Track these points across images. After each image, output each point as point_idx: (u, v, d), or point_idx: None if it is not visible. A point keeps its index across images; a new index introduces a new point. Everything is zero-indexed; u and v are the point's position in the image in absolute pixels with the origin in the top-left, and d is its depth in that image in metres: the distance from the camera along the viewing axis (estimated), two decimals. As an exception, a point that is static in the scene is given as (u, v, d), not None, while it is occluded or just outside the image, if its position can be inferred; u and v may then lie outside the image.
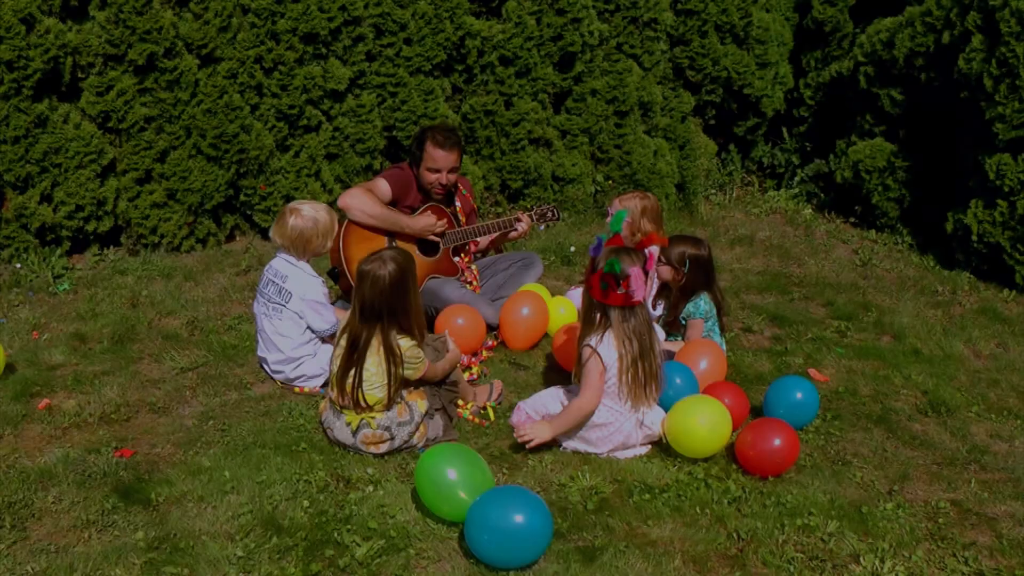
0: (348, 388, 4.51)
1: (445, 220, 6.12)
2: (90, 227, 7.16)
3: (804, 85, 10.36)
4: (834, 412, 5.37)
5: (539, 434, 4.59)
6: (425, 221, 6.02)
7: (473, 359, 5.67)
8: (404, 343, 4.55)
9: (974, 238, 7.86)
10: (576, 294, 6.42)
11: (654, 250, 4.61)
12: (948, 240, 8.31)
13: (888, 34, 8.92)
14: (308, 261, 5.30)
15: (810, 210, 9.68)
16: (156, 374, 5.48)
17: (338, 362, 4.57)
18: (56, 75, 6.80)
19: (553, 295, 6.40)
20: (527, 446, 4.60)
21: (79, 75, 6.94)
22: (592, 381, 4.56)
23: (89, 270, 7.06)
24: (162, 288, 6.74)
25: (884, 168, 8.90)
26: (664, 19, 8.94)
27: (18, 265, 6.81)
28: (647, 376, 4.63)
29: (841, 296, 7.34)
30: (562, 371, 5.53)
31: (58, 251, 7.03)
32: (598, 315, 4.60)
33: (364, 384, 4.50)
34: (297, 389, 5.28)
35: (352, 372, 4.50)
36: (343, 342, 4.58)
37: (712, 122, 10.02)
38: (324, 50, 7.55)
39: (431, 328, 5.71)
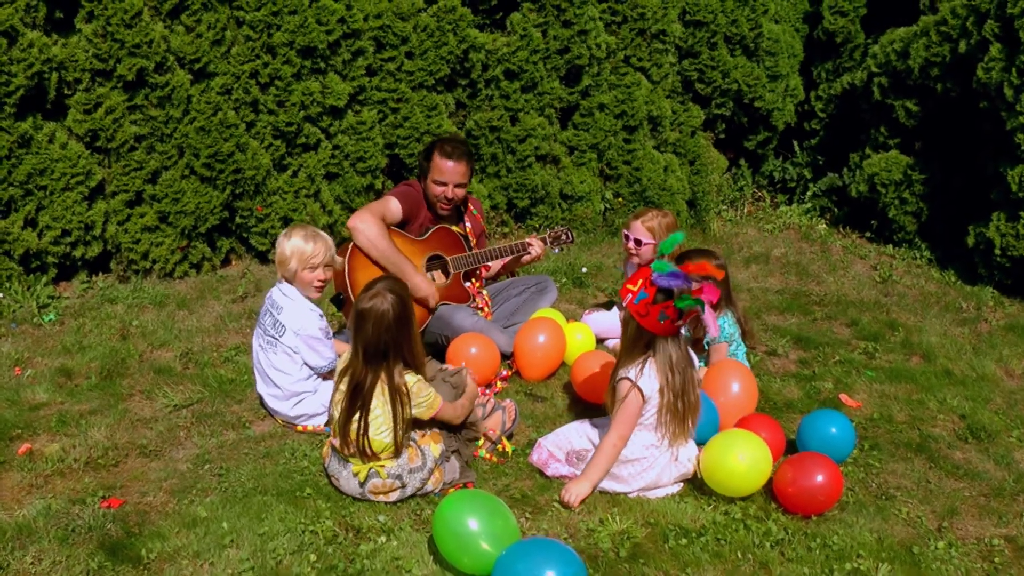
0: (353, 435, 4.17)
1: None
2: (77, 253, 6.86)
3: (815, 97, 10.22)
4: (871, 441, 5.09)
5: (581, 493, 4.27)
6: (422, 285, 5.60)
7: (487, 391, 5.32)
8: (410, 379, 4.23)
9: (997, 252, 7.69)
10: (593, 319, 6.17)
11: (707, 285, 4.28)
12: (969, 254, 8.12)
13: (902, 44, 8.75)
14: (289, 281, 4.95)
15: (824, 225, 9.48)
16: (148, 412, 5.13)
17: (339, 407, 4.23)
18: (41, 92, 6.51)
19: (568, 320, 6.12)
20: (574, 508, 4.26)
21: (65, 92, 6.66)
22: (627, 418, 4.25)
23: (77, 299, 6.74)
24: (154, 317, 6.42)
25: (900, 181, 8.71)
26: (672, 31, 8.73)
27: (0, 295, 6.46)
28: (687, 410, 4.34)
29: (865, 315, 7.09)
30: (582, 402, 5.22)
31: (43, 279, 6.72)
32: (643, 346, 4.28)
33: (370, 430, 4.16)
34: (299, 428, 4.94)
35: (356, 418, 4.16)
36: (343, 386, 4.25)
37: (722, 136, 9.82)
38: (323, 64, 7.28)
39: (442, 358, 5.40)
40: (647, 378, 4.23)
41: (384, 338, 4.14)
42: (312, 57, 7.18)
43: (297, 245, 4.86)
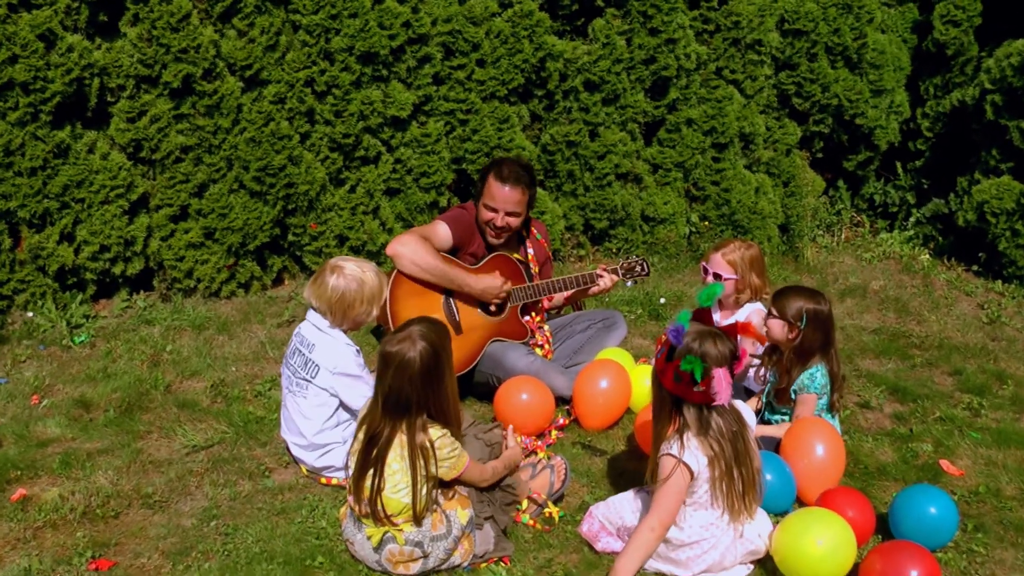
0: (366, 493, 3.68)
1: (511, 283, 5.28)
2: (117, 270, 6.51)
3: (922, 115, 9.48)
4: (975, 520, 4.38)
5: None
6: (488, 283, 5.18)
7: (539, 443, 4.77)
8: (434, 432, 3.72)
9: (1123, 294, 6.93)
10: (663, 361, 5.58)
11: (746, 346, 3.72)
12: (1090, 296, 7.39)
13: (1019, 58, 8.08)
14: (346, 330, 4.44)
15: (927, 256, 8.73)
16: (163, 453, 4.70)
17: (355, 459, 3.74)
18: (81, 99, 6.18)
19: (638, 358, 5.60)
20: None
21: (108, 99, 6.33)
22: (670, 501, 3.71)
23: (114, 318, 6.38)
24: (190, 342, 6.03)
25: (1013, 211, 8.01)
26: (769, 40, 8.12)
27: (30, 314, 6.13)
28: (746, 483, 3.77)
29: (970, 363, 6.35)
30: (646, 458, 4.60)
31: (79, 297, 6.39)
32: (669, 409, 3.77)
33: (386, 487, 3.67)
34: (323, 480, 4.44)
35: (371, 473, 3.67)
36: (361, 435, 3.77)
37: (819, 155, 9.14)
38: (385, 72, 6.86)
39: (490, 400, 4.91)
40: (692, 452, 3.68)
41: (406, 390, 3.65)
42: (373, 64, 6.76)
43: (371, 285, 4.40)
